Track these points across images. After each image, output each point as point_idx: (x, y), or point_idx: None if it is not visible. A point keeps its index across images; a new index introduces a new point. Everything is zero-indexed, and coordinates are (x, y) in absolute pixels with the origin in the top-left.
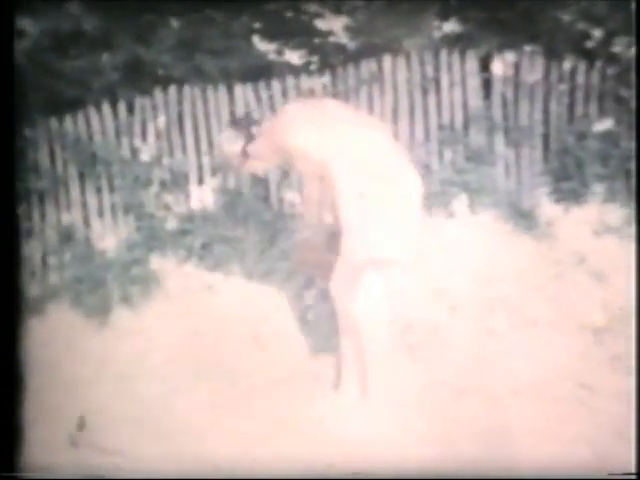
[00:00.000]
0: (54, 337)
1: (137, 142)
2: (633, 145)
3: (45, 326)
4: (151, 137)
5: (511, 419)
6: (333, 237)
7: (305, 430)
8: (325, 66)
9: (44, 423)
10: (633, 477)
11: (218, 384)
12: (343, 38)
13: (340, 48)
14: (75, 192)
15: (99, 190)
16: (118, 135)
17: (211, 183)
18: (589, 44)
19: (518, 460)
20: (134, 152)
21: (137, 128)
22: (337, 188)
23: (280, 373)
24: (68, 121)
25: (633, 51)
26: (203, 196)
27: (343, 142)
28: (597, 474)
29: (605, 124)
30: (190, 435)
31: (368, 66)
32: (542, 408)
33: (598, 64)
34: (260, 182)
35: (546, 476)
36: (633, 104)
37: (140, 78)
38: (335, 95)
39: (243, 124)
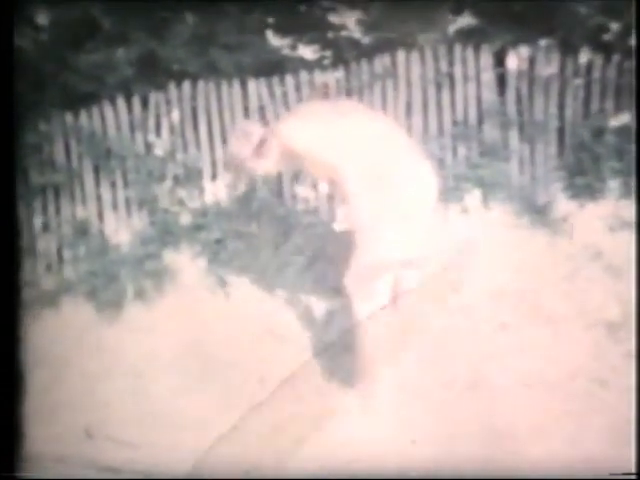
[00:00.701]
0: (68, 330)
1: (151, 137)
2: None
3: (59, 319)
4: (165, 132)
5: (522, 415)
6: (346, 235)
7: (317, 428)
8: (339, 61)
9: (56, 416)
10: (633, 477)
11: (230, 380)
12: (357, 33)
13: (354, 43)
14: (90, 186)
15: (113, 185)
16: (132, 130)
17: (225, 178)
18: (606, 37)
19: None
20: (148, 147)
21: (151, 123)
22: (348, 190)
23: (293, 370)
24: (83, 116)
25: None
26: (217, 191)
27: (355, 143)
28: (597, 474)
29: (622, 119)
30: (201, 430)
31: (382, 61)
32: (554, 404)
33: (615, 58)
34: (273, 177)
35: (547, 476)
36: None
37: (154, 73)
38: (348, 90)
39: (253, 127)
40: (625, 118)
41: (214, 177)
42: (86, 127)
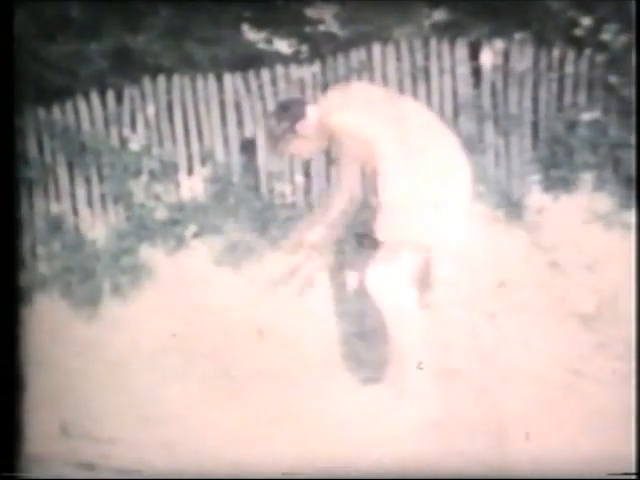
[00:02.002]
0: (43, 327)
1: (126, 131)
2: (622, 133)
3: (34, 316)
4: (140, 127)
5: (500, 407)
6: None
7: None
8: (315, 55)
9: (35, 413)
10: (633, 477)
11: (209, 374)
12: (333, 27)
13: (330, 37)
14: (64, 182)
15: (88, 180)
16: (107, 124)
17: (201, 173)
18: (578, 32)
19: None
20: (123, 142)
21: (126, 117)
22: (381, 167)
23: (272, 363)
24: (56, 110)
25: (622, 39)
26: (193, 186)
27: (392, 122)
28: (597, 474)
29: (594, 113)
30: (182, 425)
31: (358, 55)
32: (533, 394)
33: (587, 52)
34: (250, 171)
35: (545, 475)
36: (622, 92)
37: (129, 67)
38: (324, 84)
39: (292, 107)
40: (597, 112)
41: (190, 172)
42: (59, 122)
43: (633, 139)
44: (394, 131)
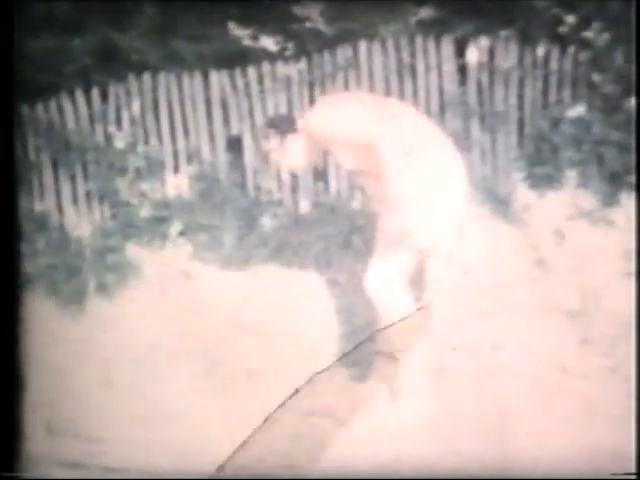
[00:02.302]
0: (28, 326)
1: (111, 129)
2: (606, 131)
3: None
4: (126, 124)
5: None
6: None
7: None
8: (301, 52)
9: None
10: (633, 477)
11: (198, 371)
12: (319, 24)
13: (316, 34)
14: (49, 180)
15: (73, 177)
16: (92, 122)
17: (187, 170)
18: (562, 30)
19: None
20: (108, 139)
21: (111, 115)
22: (384, 170)
23: (261, 360)
24: (40, 108)
25: (605, 37)
26: (179, 183)
27: (386, 125)
28: (596, 474)
29: (578, 110)
30: (168, 425)
31: (344, 52)
32: (518, 391)
33: (571, 50)
34: (236, 169)
35: (544, 475)
36: (604, 89)
37: (114, 64)
38: (311, 82)
39: (281, 123)
40: (581, 109)
41: (176, 169)
42: (44, 119)
43: (616, 136)
44: (389, 134)
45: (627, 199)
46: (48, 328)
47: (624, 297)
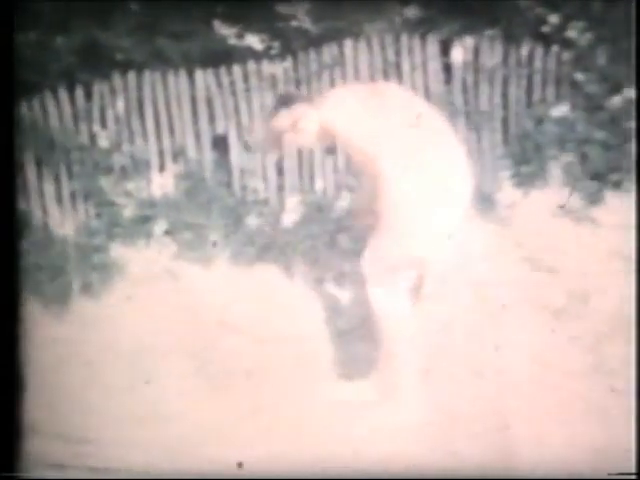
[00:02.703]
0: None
1: (96, 128)
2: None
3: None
4: (110, 123)
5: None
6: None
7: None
8: (287, 51)
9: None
10: (633, 477)
11: (185, 370)
12: (305, 22)
13: (302, 32)
14: (32, 179)
15: (57, 177)
16: (76, 121)
17: (173, 169)
18: (545, 29)
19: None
20: (93, 138)
21: (96, 113)
22: (382, 181)
23: (248, 359)
24: (23, 106)
25: (588, 37)
26: (164, 182)
27: (393, 129)
28: (596, 474)
29: (562, 109)
30: (153, 425)
31: (330, 50)
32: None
33: (554, 49)
34: (222, 168)
35: (544, 476)
36: (587, 89)
37: (98, 62)
38: (297, 80)
39: (292, 100)
40: (564, 109)
41: (162, 168)
42: (27, 118)
43: (600, 135)
44: (397, 141)
45: (611, 197)
46: (31, 328)
47: (611, 295)
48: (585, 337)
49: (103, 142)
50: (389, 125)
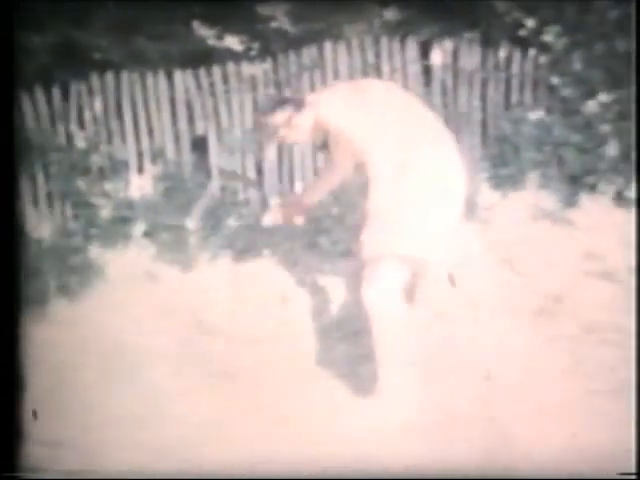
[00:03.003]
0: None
1: (73, 128)
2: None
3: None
4: (88, 123)
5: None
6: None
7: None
8: (266, 52)
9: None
10: (633, 477)
11: (163, 372)
12: (285, 24)
13: (281, 34)
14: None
15: (33, 178)
16: (53, 121)
17: (152, 170)
18: (522, 33)
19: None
20: (70, 138)
21: (73, 114)
22: (372, 176)
23: (226, 361)
24: None
25: (563, 41)
26: (143, 184)
27: (385, 127)
28: (596, 474)
29: (538, 113)
30: (129, 428)
31: (309, 52)
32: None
33: (531, 53)
34: (201, 169)
35: (545, 476)
36: (563, 92)
37: (75, 62)
38: (276, 81)
39: (289, 102)
40: (541, 112)
41: (140, 169)
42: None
43: (575, 138)
44: (390, 140)
45: (586, 200)
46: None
47: (586, 296)
48: (561, 338)
49: (80, 143)
50: (383, 122)
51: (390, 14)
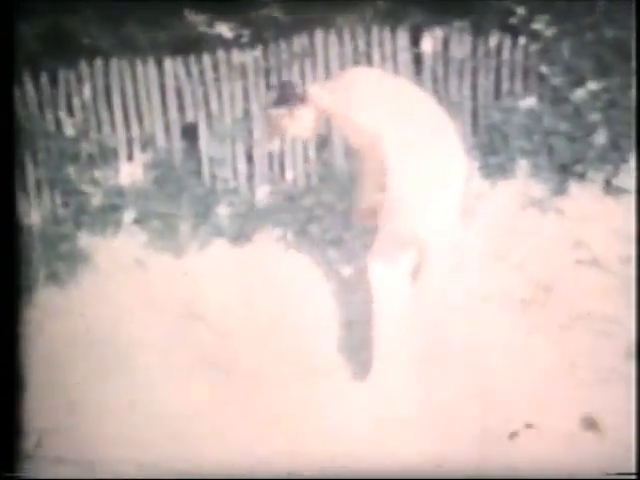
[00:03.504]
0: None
1: (62, 115)
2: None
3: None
4: (77, 110)
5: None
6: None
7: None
8: (257, 40)
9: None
10: (633, 477)
11: (153, 361)
12: (276, 11)
13: (272, 22)
14: None
15: (22, 165)
16: (41, 108)
17: (142, 158)
18: (512, 21)
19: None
20: (59, 125)
21: (62, 101)
22: (387, 161)
23: (216, 349)
24: None
25: (553, 30)
26: (133, 171)
27: (398, 116)
28: (596, 474)
29: (528, 101)
30: (119, 419)
31: (300, 40)
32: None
33: (521, 41)
34: (192, 157)
35: (545, 476)
36: (553, 81)
37: (63, 49)
38: (267, 70)
39: (289, 89)
40: (531, 100)
41: (130, 157)
42: None
43: (565, 127)
44: (398, 125)
45: (575, 188)
46: None
47: (575, 286)
48: (549, 328)
49: (70, 130)
50: (391, 108)
51: (381, 3)
